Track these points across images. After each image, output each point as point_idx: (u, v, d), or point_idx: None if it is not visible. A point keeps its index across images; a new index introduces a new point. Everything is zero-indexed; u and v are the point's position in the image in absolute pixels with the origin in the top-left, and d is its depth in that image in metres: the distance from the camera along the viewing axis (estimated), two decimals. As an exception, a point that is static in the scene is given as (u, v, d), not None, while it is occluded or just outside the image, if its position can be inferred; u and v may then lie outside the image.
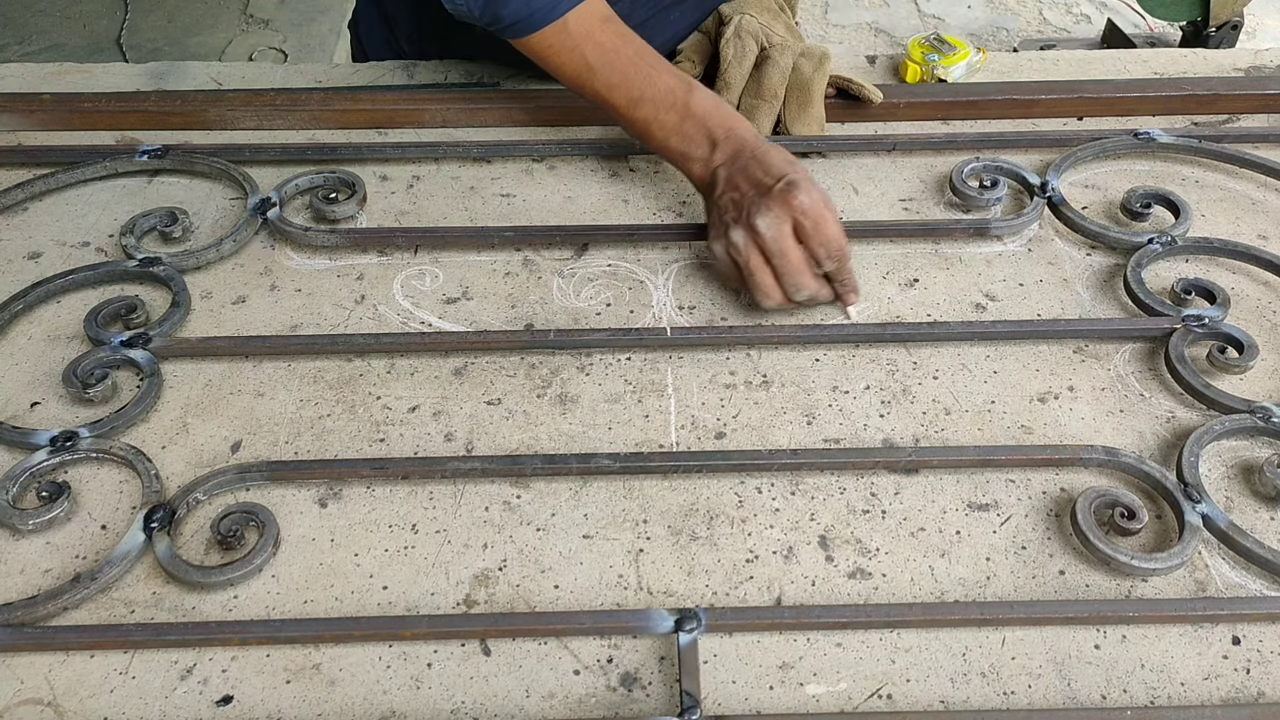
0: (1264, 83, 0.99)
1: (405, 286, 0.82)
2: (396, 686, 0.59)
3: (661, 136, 0.84)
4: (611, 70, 0.84)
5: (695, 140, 0.82)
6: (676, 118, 0.83)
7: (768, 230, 0.75)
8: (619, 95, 0.84)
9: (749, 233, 0.76)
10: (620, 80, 0.84)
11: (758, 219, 0.76)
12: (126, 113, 0.96)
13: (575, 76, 0.85)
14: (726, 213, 0.79)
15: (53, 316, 0.80)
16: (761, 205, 0.76)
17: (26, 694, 0.58)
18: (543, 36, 0.83)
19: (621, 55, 0.84)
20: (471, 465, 0.68)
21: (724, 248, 0.78)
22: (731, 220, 0.78)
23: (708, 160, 0.82)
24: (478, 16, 0.84)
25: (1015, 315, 0.80)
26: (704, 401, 0.74)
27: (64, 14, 2.88)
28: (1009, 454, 0.69)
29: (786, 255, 0.76)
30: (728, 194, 0.79)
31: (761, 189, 0.77)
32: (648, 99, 0.83)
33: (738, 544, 0.65)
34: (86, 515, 0.67)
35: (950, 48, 1.02)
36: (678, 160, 0.84)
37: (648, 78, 0.84)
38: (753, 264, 0.76)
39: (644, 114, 0.84)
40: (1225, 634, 0.61)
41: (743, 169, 0.79)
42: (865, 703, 0.58)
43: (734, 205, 0.78)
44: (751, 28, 0.93)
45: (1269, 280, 0.82)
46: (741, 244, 0.77)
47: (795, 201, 0.75)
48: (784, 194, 0.76)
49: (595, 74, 0.84)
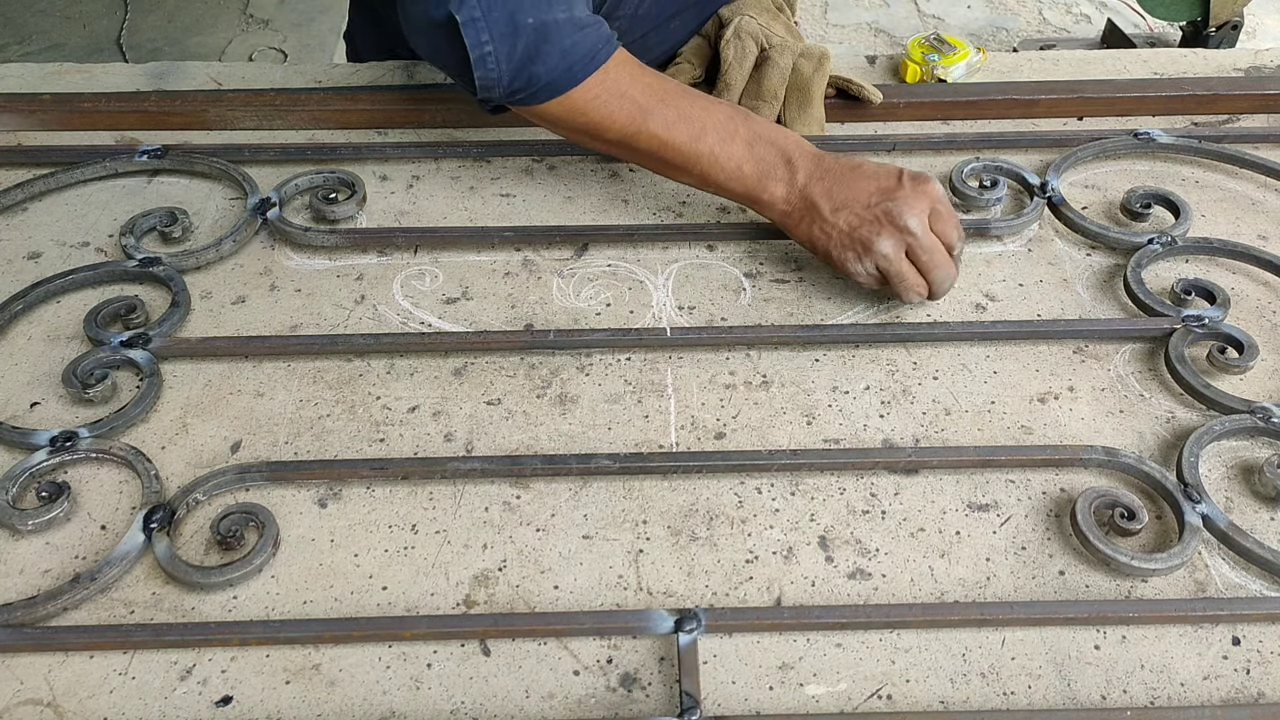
0: (1264, 83, 0.99)
1: (405, 286, 0.82)
2: (396, 687, 0.59)
3: (733, 166, 0.79)
4: (666, 107, 0.79)
5: (771, 163, 0.79)
6: (744, 144, 0.79)
7: (919, 228, 0.74)
8: (680, 132, 0.78)
9: (898, 236, 0.74)
10: (678, 116, 0.79)
11: (908, 220, 0.74)
12: (126, 113, 0.96)
13: (627, 123, 0.78)
14: (857, 228, 0.76)
15: (52, 316, 0.80)
16: (903, 207, 0.74)
17: (26, 694, 0.58)
18: (585, 89, 0.77)
19: (669, 91, 0.80)
20: (471, 465, 0.68)
21: (872, 262, 0.76)
22: (870, 234, 0.75)
23: (791, 181, 0.78)
24: (507, 84, 0.76)
25: (1015, 315, 0.80)
26: (704, 402, 0.74)
27: (64, 14, 2.88)
28: (1009, 454, 0.69)
29: (935, 249, 0.75)
30: (845, 210, 0.76)
31: (887, 191, 0.75)
32: (710, 129, 0.79)
33: (737, 544, 0.65)
34: (86, 515, 0.67)
35: (950, 48, 1.02)
36: (753, 189, 0.79)
37: (704, 109, 0.79)
38: (904, 268, 0.75)
39: (709, 146, 0.78)
40: (1225, 634, 0.60)
41: (842, 180, 0.77)
42: (865, 703, 0.58)
43: (862, 219, 0.75)
44: (751, 29, 0.93)
45: (1269, 280, 0.82)
46: (892, 252, 0.75)
47: (934, 190, 0.75)
48: (919, 187, 0.75)
49: (650, 115, 0.78)
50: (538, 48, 0.74)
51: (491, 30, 0.74)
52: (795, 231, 0.80)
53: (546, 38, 0.74)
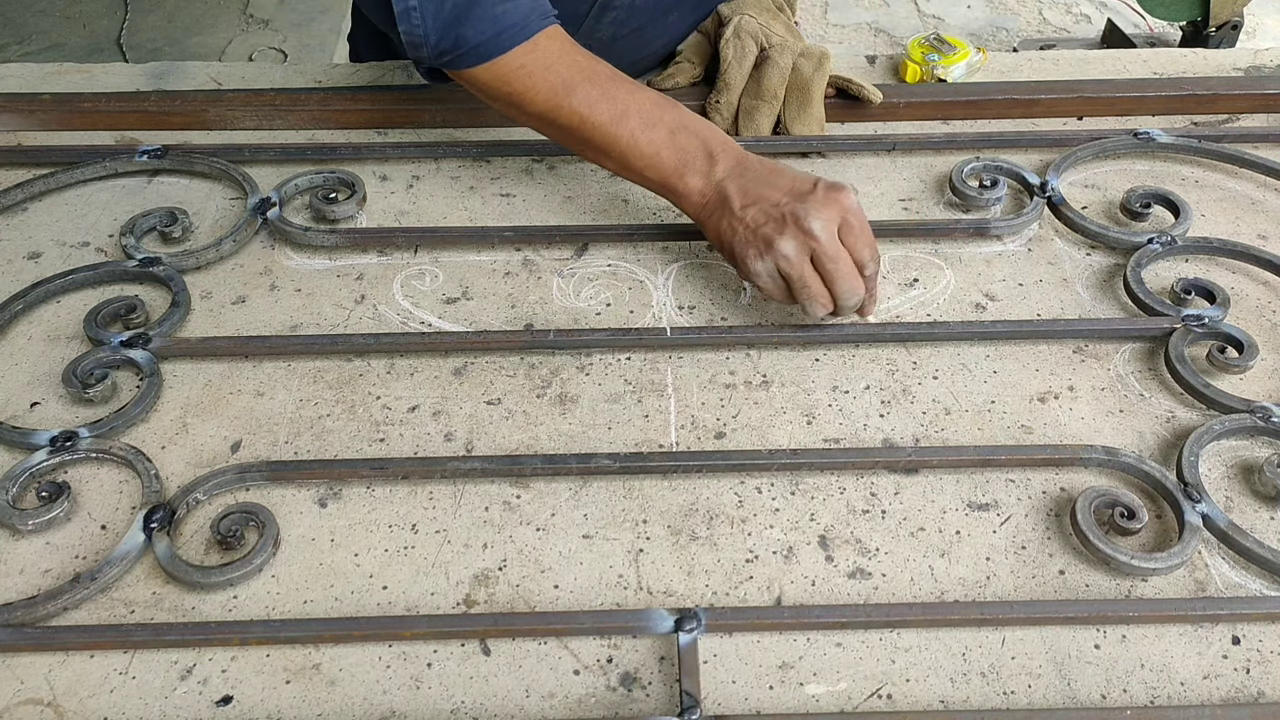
0: (1264, 82, 0.99)
1: (405, 286, 0.82)
2: (396, 686, 0.59)
3: (651, 152, 0.77)
4: (591, 85, 0.78)
5: (691, 153, 0.77)
6: (666, 132, 0.78)
7: (823, 232, 0.71)
8: (601, 111, 0.77)
9: (801, 239, 0.72)
10: (601, 95, 0.78)
11: (811, 222, 0.71)
12: (126, 113, 0.96)
13: (550, 96, 0.78)
14: (762, 225, 0.73)
15: (52, 316, 0.80)
16: (810, 209, 0.72)
17: (26, 694, 0.58)
18: (512, 58, 0.77)
19: (598, 72, 0.79)
20: (471, 465, 0.68)
21: (772, 261, 0.73)
22: (773, 232, 0.73)
23: (708, 174, 0.77)
24: (434, 44, 0.76)
25: (1015, 315, 0.80)
26: (704, 401, 0.74)
27: (64, 14, 2.88)
28: (1009, 454, 0.69)
29: (840, 259, 0.72)
30: (754, 206, 0.74)
31: (799, 194, 0.73)
32: (633, 113, 0.77)
33: (737, 544, 0.65)
34: (86, 515, 0.67)
35: (950, 48, 1.02)
36: (670, 177, 0.78)
37: (630, 93, 0.78)
38: (806, 273, 0.72)
39: (630, 129, 0.77)
40: (1225, 634, 0.61)
41: (760, 179, 0.75)
42: (865, 703, 0.58)
43: (770, 216, 0.73)
44: (750, 28, 0.93)
45: (1269, 280, 0.82)
46: (794, 254, 0.72)
47: (847, 201, 0.73)
48: (831, 194, 0.73)
49: (574, 91, 0.77)
50: (467, 10, 0.75)
51: None
52: (708, 226, 0.78)
53: (476, 1, 0.75)
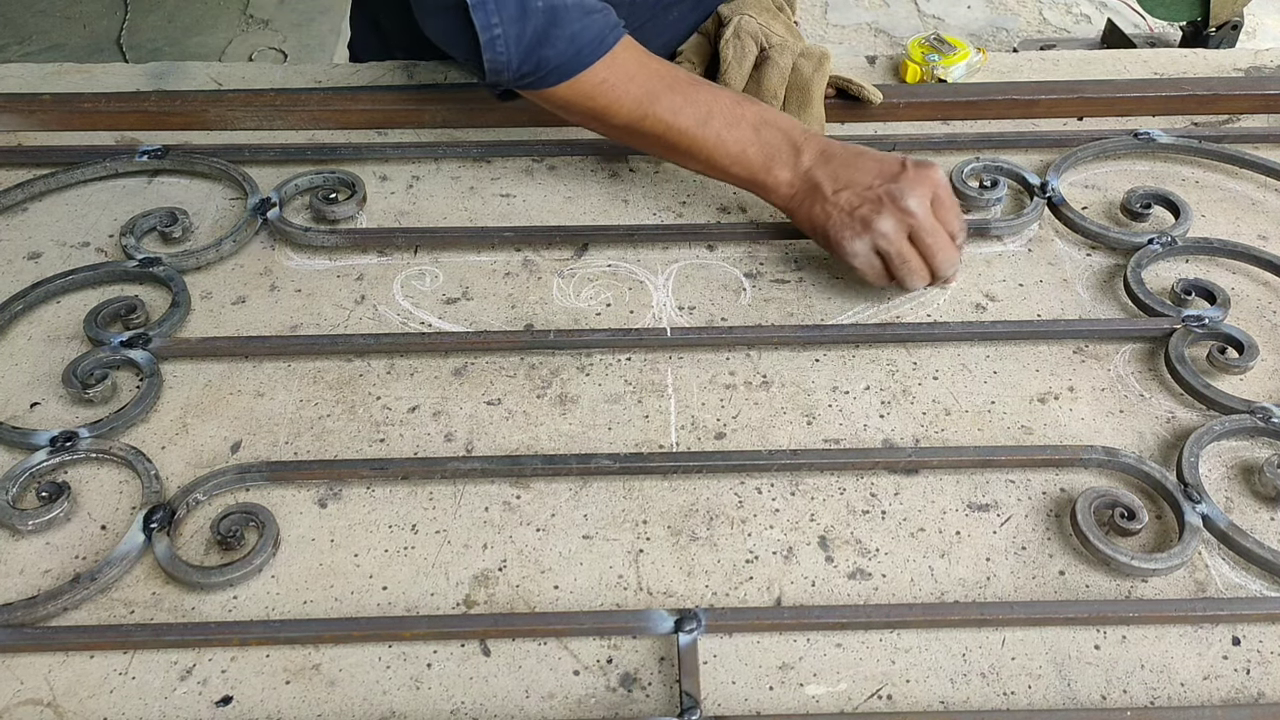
0: (1264, 83, 0.99)
1: (405, 287, 0.82)
2: (396, 687, 0.59)
3: (738, 150, 0.79)
4: (673, 92, 0.79)
5: (777, 146, 0.79)
6: (750, 129, 0.79)
7: (919, 209, 0.75)
8: (686, 116, 0.79)
9: (899, 217, 0.75)
10: (684, 100, 0.79)
11: (909, 200, 0.74)
12: (126, 113, 0.96)
13: (634, 107, 0.79)
14: (858, 207, 0.76)
15: (52, 317, 0.80)
16: (905, 188, 0.75)
17: (26, 694, 0.58)
18: (593, 73, 0.78)
19: (676, 77, 0.80)
20: (471, 465, 0.68)
21: (870, 241, 0.76)
22: (870, 212, 0.75)
23: (796, 165, 0.79)
24: (516, 68, 0.77)
25: (1015, 315, 0.80)
26: (704, 402, 0.74)
27: (64, 14, 2.88)
28: (1009, 454, 0.69)
29: (938, 232, 0.75)
30: (847, 190, 0.76)
31: (890, 175, 0.76)
32: (717, 114, 0.79)
33: (737, 544, 0.65)
34: (86, 515, 0.67)
35: (950, 48, 1.02)
36: (758, 173, 0.80)
37: (711, 95, 0.80)
38: (905, 249, 0.75)
39: (715, 130, 0.79)
40: (1225, 634, 0.60)
41: (847, 164, 0.77)
42: (865, 703, 0.58)
43: (863, 199, 0.76)
44: (750, 28, 0.93)
45: (1269, 280, 0.82)
46: (892, 231, 0.75)
47: (937, 177, 0.76)
48: (921, 172, 0.76)
49: (658, 99, 0.79)
50: (547, 31, 0.75)
51: (501, 13, 0.75)
52: (798, 215, 0.80)
53: (556, 21, 0.75)
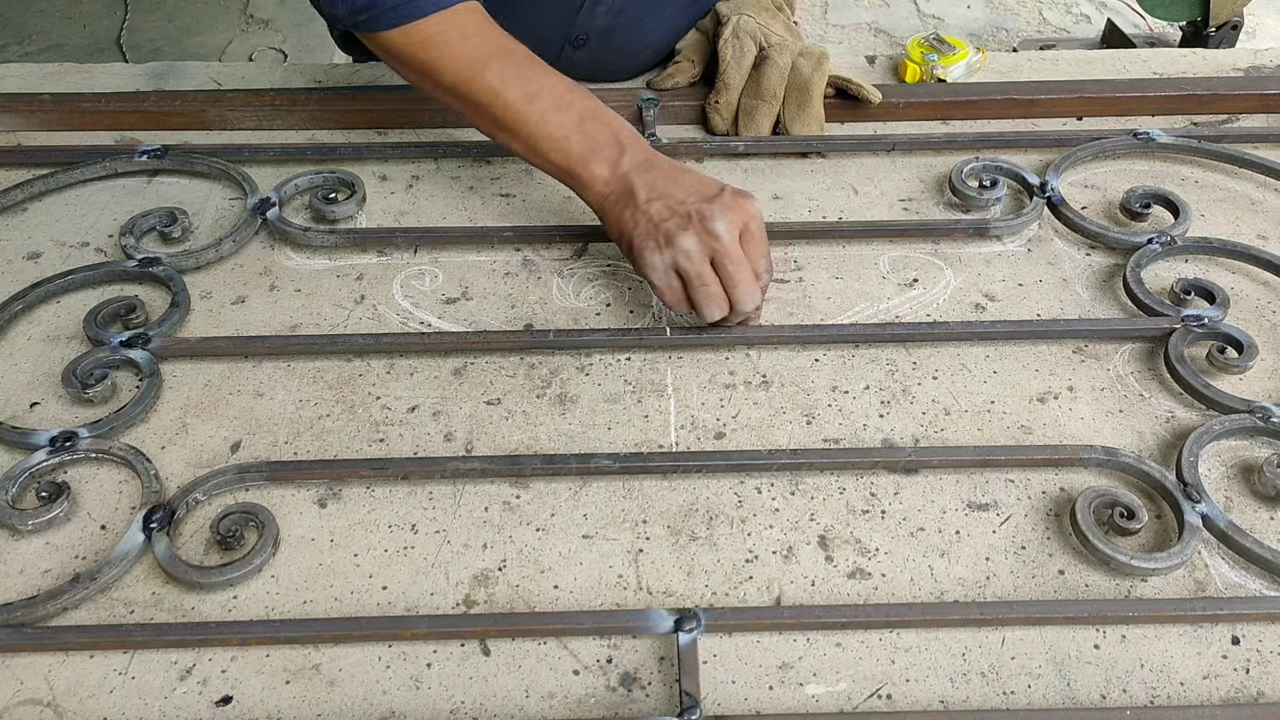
0: (1263, 83, 0.99)
1: (405, 286, 0.82)
2: (396, 686, 0.59)
3: (560, 135, 0.77)
4: (506, 61, 0.77)
5: (601, 141, 0.76)
6: (576, 117, 0.77)
7: (726, 234, 0.71)
8: (514, 89, 0.77)
9: (704, 238, 0.71)
10: (516, 73, 0.77)
11: (716, 223, 0.71)
12: (126, 113, 0.96)
13: (463, 67, 0.77)
14: (665, 220, 0.72)
15: (52, 317, 0.80)
16: (715, 211, 0.72)
17: (26, 694, 0.58)
18: (429, 23, 0.77)
19: (515, 51, 0.78)
20: (471, 465, 0.68)
21: (671, 256, 0.72)
22: (675, 228, 0.72)
23: (615, 164, 0.76)
24: (350, 1, 0.76)
25: (1015, 315, 0.80)
26: (703, 401, 0.74)
27: (64, 14, 2.88)
28: (1008, 454, 0.69)
29: (741, 262, 0.72)
30: (659, 201, 0.73)
31: (705, 196, 0.73)
32: (546, 94, 0.77)
33: (737, 544, 0.65)
34: (86, 515, 0.67)
35: (950, 48, 1.02)
36: (575, 163, 0.77)
37: (544, 74, 0.78)
38: (705, 272, 0.72)
39: (540, 109, 0.76)
40: (1225, 634, 0.61)
41: (667, 177, 0.75)
42: (865, 703, 0.58)
43: (674, 212, 0.73)
44: (749, 27, 0.93)
45: (1268, 280, 0.82)
46: (695, 251, 0.71)
47: (751, 209, 0.73)
48: (737, 200, 0.73)
49: (488, 65, 0.77)
50: None
51: None
52: (608, 217, 0.77)
53: None
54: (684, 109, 0.97)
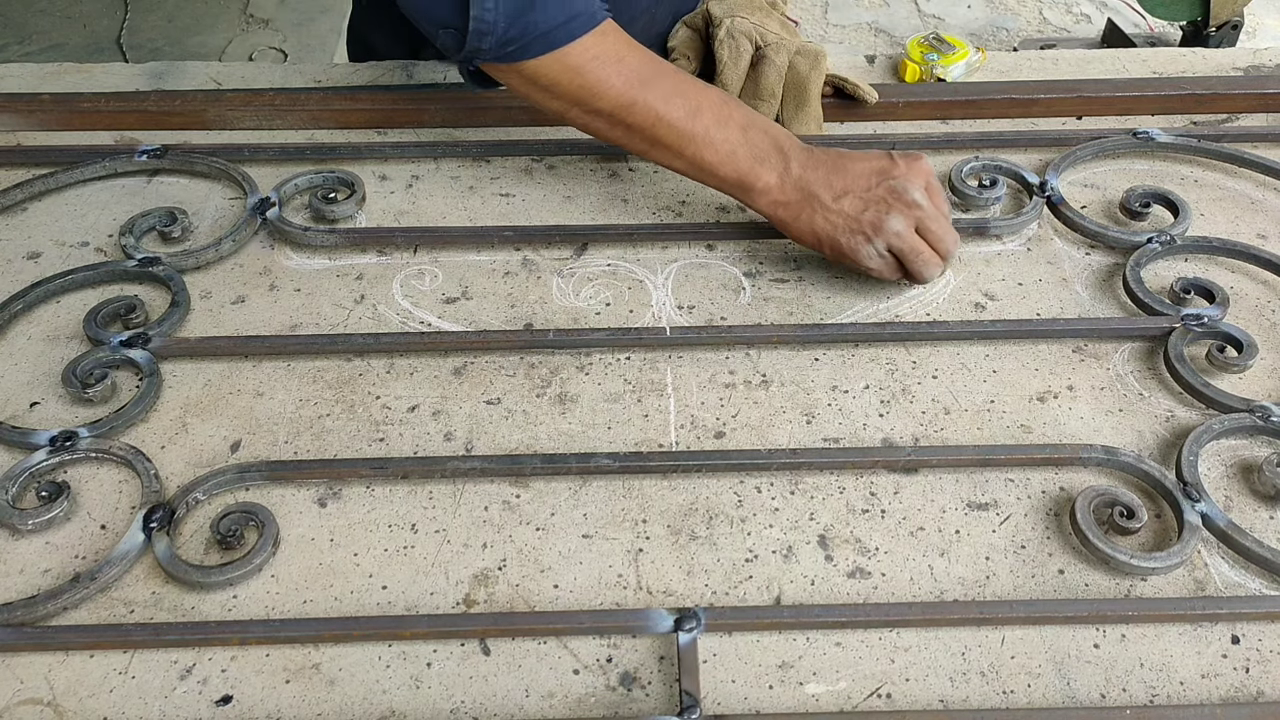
0: (1263, 82, 0.99)
1: (404, 286, 0.82)
2: (396, 686, 0.59)
3: (727, 150, 0.76)
4: (665, 79, 0.75)
5: (765, 150, 0.77)
6: (739, 129, 0.76)
7: (924, 200, 0.75)
8: (677, 107, 0.75)
9: (907, 212, 0.75)
10: (675, 90, 0.75)
11: (913, 193, 0.75)
12: (126, 113, 0.96)
13: (624, 90, 0.74)
14: (864, 211, 0.76)
15: (52, 316, 0.80)
16: (904, 183, 0.75)
17: (26, 694, 0.58)
18: (583, 46, 0.73)
19: (665, 66, 0.76)
20: (471, 465, 0.68)
21: (884, 241, 0.76)
22: (879, 215, 0.75)
23: (785, 170, 0.77)
24: (503, 30, 0.72)
25: (1014, 314, 0.80)
26: (703, 401, 0.74)
27: (64, 14, 2.88)
28: (1008, 453, 0.69)
29: (939, 218, 0.76)
30: (847, 196, 0.76)
31: (883, 171, 0.76)
32: (706, 109, 0.76)
33: (737, 543, 0.65)
34: (86, 515, 0.67)
35: (949, 47, 1.02)
36: (746, 175, 0.77)
37: (699, 89, 0.76)
38: (918, 244, 0.76)
39: (705, 125, 0.75)
40: (1224, 633, 0.61)
41: (836, 169, 0.77)
42: (865, 702, 0.58)
43: (868, 202, 0.76)
44: (744, 28, 0.93)
45: (1268, 279, 0.82)
46: (904, 228, 0.75)
47: (926, 164, 0.77)
48: (912, 162, 0.77)
49: (649, 84, 0.74)
50: None
51: None
52: (794, 224, 0.78)
53: None
54: (684, 109, 0.97)
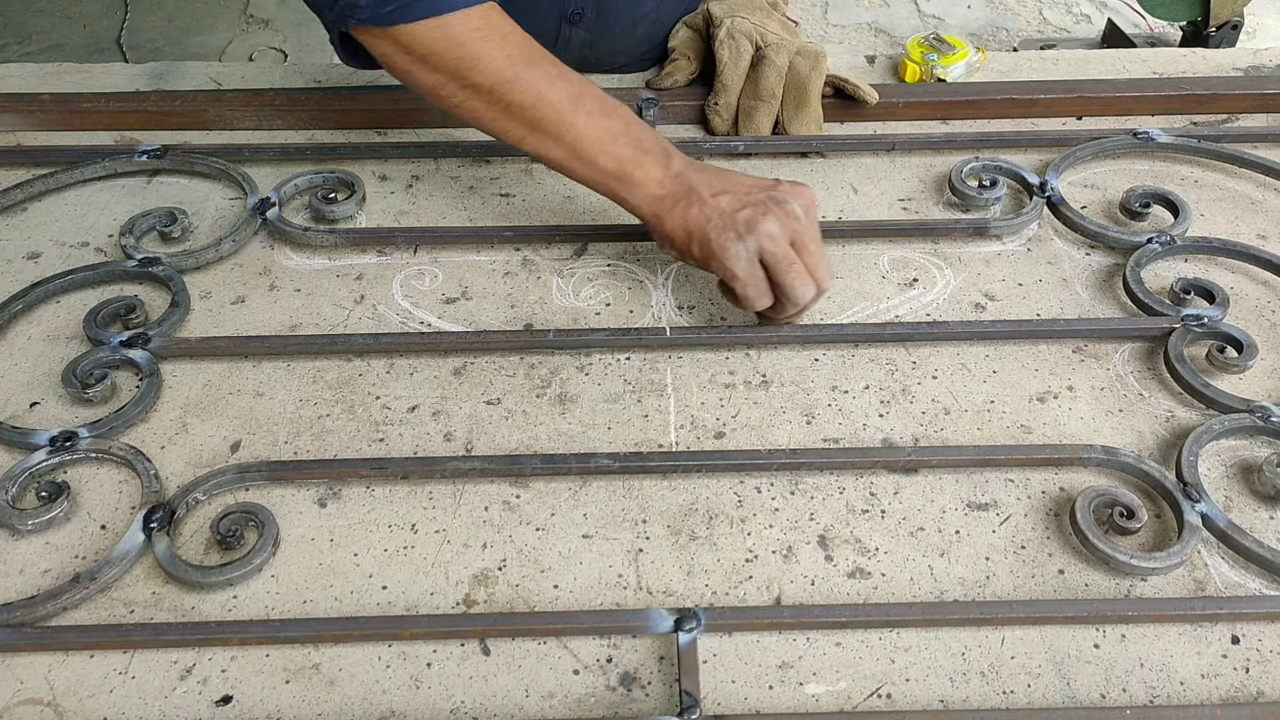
0: (1263, 82, 0.99)
1: (404, 286, 0.82)
2: (396, 686, 0.59)
3: (609, 138, 0.74)
4: (547, 62, 0.72)
5: (649, 143, 0.75)
6: (621, 121, 0.74)
7: (804, 215, 0.72)
8: (560, 89, 0.72)
9: (785, 220, 0.71)
10: (558, 73, 0.72)
11: (792, 205, 0.72)
12: (126, 113, 0.96)
13: (506, 65, 0.71)
14: (741, 209, 0.72)
15: (52, 316, 0.80)
16: (787, 195, 0.73)
17: (26, 694, 0.58)
18: (468, 17, 0.70)
19: (548, 55, 0.74)
20: (471, 465, 0.68)
21: (756, 242, 0.71)
22: (755, 214, 0.71)
23: (667, 165, 0.74)
24: None
25: (1014, 315, 0.80)
26: (703, 401, 0.74)
27: (64, 14, 2.88)
28: (1008, 454, 0.69)
29: (819, 241, 0.73)
30: (726, 194, 0.73)
31: (766, 186, 0.74)
32: (589, 97, 0.73)
33: (737, 544, 0.65)
34: (86, 515, 0.67)
35: (949, 47, 1.02)
36: (627, 165, 0.74)
37: (579, 76, 0.74)
38: (792, 254, 0.71)
39: (587, 111, 0.73)
40: (1224, 633, 0.61)
41: (721, 175, 0.75)
42: (865, 702, 0.58)
43: (746, 202, 0.72)
44: (744, 28, 0.93)
45: (1268, 280, 0.82)
46: (779, 233, 0.70)
47: (810, 194, 0.74)
48: (796, 186, 0.74)
49: (533, 63, 0.72)
50: None
51: None
52: (670, 216, 0.74)
53: None
54: (684, 109, 0.97)
